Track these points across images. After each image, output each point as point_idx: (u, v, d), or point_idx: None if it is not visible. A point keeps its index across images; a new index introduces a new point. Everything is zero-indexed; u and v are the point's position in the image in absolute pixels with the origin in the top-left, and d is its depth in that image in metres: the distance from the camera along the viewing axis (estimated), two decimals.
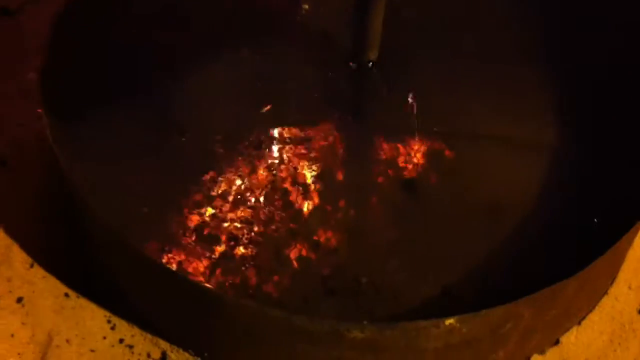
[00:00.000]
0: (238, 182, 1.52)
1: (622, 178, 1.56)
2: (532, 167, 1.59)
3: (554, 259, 1.42)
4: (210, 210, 1.48)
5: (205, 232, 1.46)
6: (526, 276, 1.38)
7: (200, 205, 1.49)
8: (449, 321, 1.26)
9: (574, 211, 1.53)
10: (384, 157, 1.59)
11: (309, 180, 1.54)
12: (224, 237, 1.45)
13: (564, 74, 1.76)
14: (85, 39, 1.69)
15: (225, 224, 1.46)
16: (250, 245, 1.44)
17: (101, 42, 1.71)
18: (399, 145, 1.61)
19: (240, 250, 1.43)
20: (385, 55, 1.71)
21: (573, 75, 1.76)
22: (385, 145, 1.61)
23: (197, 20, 1.80)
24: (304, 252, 1.44)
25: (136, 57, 1.71)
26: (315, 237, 1.46)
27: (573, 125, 1.67)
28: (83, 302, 1.51)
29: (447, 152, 1.60)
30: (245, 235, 1.45)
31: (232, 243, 1.44)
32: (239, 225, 1.46)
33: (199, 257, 1.43)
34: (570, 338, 1.52)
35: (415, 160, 1.58)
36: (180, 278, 1.34)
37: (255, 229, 1.46)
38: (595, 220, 1.48)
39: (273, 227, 1.47)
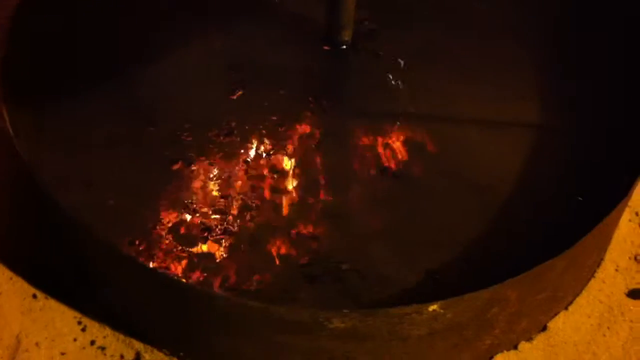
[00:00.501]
0: (210, 171, 1.48)
1: (606, 157, 1.54)
2: (516, 150, 1.57)
3: (540, 240, 1.40)
4: (182, 202, 1.44)
5: (178, 224, 1.41)
6: (512, 258, 1.36)
7: (171, 197, 1.45)
8: (433, 307, 1.22)
9: (558, 192, 1.50)
10: (362, 142, 1.56)
11: (285, 168, 1.50)
12: (197, 230, 1.41)
13: (547, 54, 1.74)
14: (48, 30, 1.65)
15: (198, 216, 1.42)
16: (225, 237, 1.40)
17: (65, 32, 1.67)
18: (379, 130, 1.57)
19: (215, 242, 1.39)
20: (360, 36, 1.69)
21: (556, 56, 1.74)
22: (364, 130, 1.57)
23: (165, 6, 1.77)
24: (282, 242, 1.40)
25: (101, 46, 1.68)
26: (293, 226, 1.42)
27: (557, 106, 1.65)
28: (52, 303, 1.47)
29: (428, 136, 1.57)
30: (220, 227, 1.41)
31: (206, 234, 1.39)
32: (213, 217, 1.42)
33: (172, 251, 1.38)
34: (558, 323, 1.49)
35: (395, 144, 1.55)
36: (153, 273, 1.31)
37: (230, 219, 1.42)
38: (580, 199, 1.45)
39: (248, 217, 1.42)
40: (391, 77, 1.66)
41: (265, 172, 1.49)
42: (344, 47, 1.69)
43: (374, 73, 1.67)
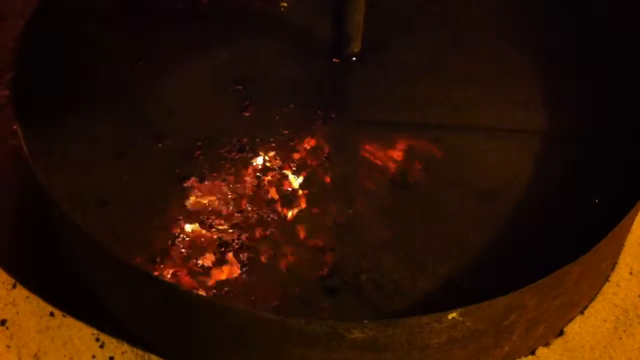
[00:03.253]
0: (223, 187, 1.48)
1: (616, 161, 1.54)
2: (525, 156, 1.57)
3: (553, 246, 1.40)
4: (197, 218, 1.44)
5: (193, 240, 1.41)
6: (527, 264, 1.35)
7: (186, 213, 1.44)
8: (452, 315, 1.23)
9: (569, 197, 1.50)
10: (372, 153, 1.56)
11: (298, 181, 1.50)
12: (214, 245, 1.41)
13: (551, 61, 1.74)
14: (55, 50, 1.66)
15: (214, 231, 1.42)
16: (242, 252, 1.40)
17: (72, 51, 1.68)
18: (388, 141, 1.58)
19: (232, 257, 1.39)
20: (368, 48, 1.69)
21: (561, 62, 1.74)
22: (374, 142, 1.57)
23: (172, 22, 1.77)
24: (299, 255, 1.40)
25: (109, 63, 1.68)
26: (309, 239, 1.42)
27: (564, 111, 1.65)
28: (69, 320, 1.47)
29: (437, 145, 1.57)
30: (236, 242, 1.41)
31: (223, 249, 1.39)
32: (229, 232, 1.42)
33: (188, 267, 1.38)
34: (574, 328, 1.49)
35: (404, 154, 1.55)
36: (170, 288, 1.31)
37: (246, 234, 1.42)
38: (596, 200, 1.45)
39: (264, 231, 1.42)
40: (399, 87, 1.67)
41: (278, 186, 1.49)
42: (353, 59, 1.70)
43: (382, 84, 1.67)
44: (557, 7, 1.83)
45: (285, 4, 1.82)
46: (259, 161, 1.53)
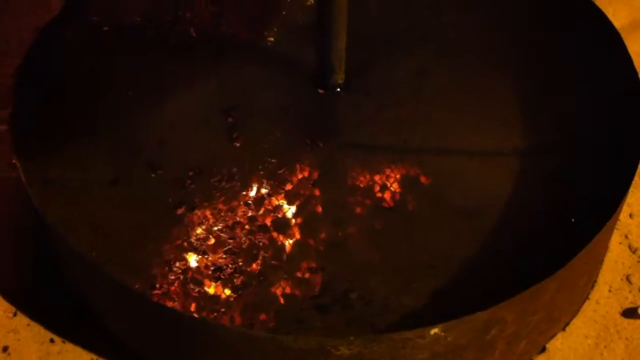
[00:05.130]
0: (215, 215, 1.52)
1: (592, 181, 1.57)
2: (504, 176, 1.60)
3: (531, 264, 1.42)
4: (190, 245, 1.48)
5: (188, 265, 1.45)
6: (506, 281, 1.38)
7: (179, 240, 1.48)
8: (434, 330, 1.27)
9: (547, 216, 1.54)
10: (359, 178, 1.60)
11: (287, 207, 1.54)
12: (208, 270, 1.44)
13: (531, 83, 1.78)
14: (50, 84, 1.71)
15: (208, 257, 1.46)
16: (236, 275, 1.44)
17: (66, 84, 1.72)
18: (373, 166, 1.61)
19: (227, 280, 1.43)
20: (352, 76, 1.73)
21: (536, 82, 1.78)
22: (359, 166, 1.61)
23: (163, 54, 1.81)
24: (292, 276, 1.44)
25: (103, 94, 1.72)
26: (300, 261, 1.46)
27: (542, 132, 1.69)
28: (69, 346, 1.52)
29: (420, 168, 1.61)
30: (230, 266, 1.45)
31: (218, 274, 1.44)
32: (222, 257, 1.46)
33: (184, 291, 1.42)
34: (556, 344, 1.53)
35: (389, 178, 1.59)
36: (167, 311, 1.35)
37: (239, 258, 1.46)
38: (573, 220, 1.49)
39: (256, 255, 1.46)
40: (384, 113, 1.71)
41: (269, 213, 1.53)
42: (337, 88, 1.73)
43: (367, 111, 1.71)
44: (540, 29, 1.86)
45: (272, 37, 1.86)
46: (249, 189, 1.56)
